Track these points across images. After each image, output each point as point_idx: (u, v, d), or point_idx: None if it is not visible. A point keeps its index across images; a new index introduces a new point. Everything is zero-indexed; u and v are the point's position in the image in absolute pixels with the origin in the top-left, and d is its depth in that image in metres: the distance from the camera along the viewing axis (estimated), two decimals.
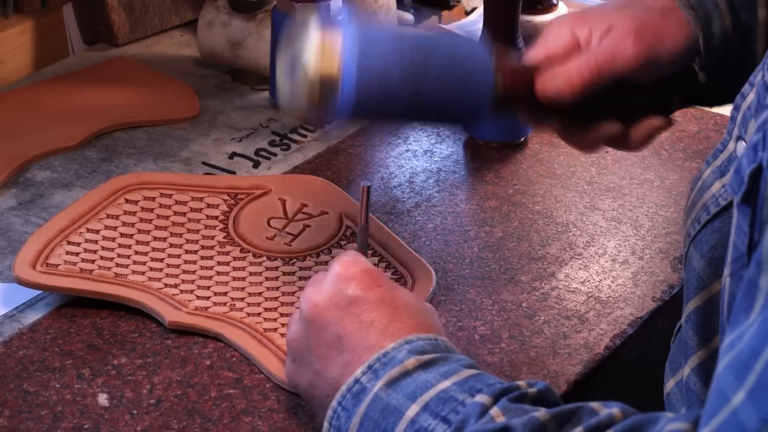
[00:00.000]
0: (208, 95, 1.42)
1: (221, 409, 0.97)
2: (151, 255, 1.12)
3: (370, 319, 0.88)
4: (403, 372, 0.84)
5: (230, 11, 1.43)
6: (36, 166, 1.28)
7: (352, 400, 0.85)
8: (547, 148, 1.33)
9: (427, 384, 0.82)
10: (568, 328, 1.07)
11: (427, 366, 0.84)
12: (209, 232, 1.15)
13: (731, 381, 0.65)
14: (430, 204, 1.23)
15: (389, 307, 0.89)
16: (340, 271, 0.91)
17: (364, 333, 0.88)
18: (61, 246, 1.11)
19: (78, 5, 1.49)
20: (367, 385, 0.84)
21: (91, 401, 0.97)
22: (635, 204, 1.25)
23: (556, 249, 1.17)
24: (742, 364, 0.65)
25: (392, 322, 0.88)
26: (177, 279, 1.09)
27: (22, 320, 1.06)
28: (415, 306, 0.90)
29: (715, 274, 0.88)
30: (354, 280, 0.90)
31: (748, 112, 0.85)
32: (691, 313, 0.90)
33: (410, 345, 0.86)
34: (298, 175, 1.26)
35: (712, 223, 0.89)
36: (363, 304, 0.89)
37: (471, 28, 1.56)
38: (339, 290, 0.90)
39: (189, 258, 1.12)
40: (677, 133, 1.37)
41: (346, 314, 0.89)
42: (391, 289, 0.91)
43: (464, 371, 0.83)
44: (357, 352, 0.87)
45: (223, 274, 1.11)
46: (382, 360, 0.85)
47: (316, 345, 0.90)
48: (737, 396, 0.65)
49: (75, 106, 1.37)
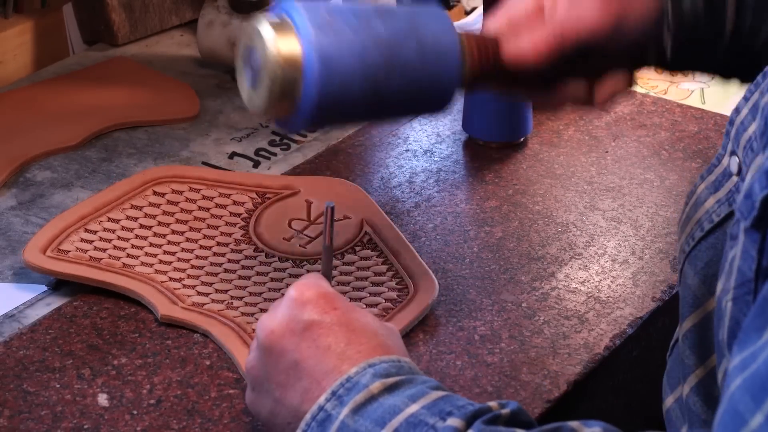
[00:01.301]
0: (208, 95, 1.42)
1: (221, 409, 0.97)
2: (164, 248, 1.13)
3: (327, 343, 0.86)
4: (368, 397, 0.81)
5: (230, 11, 1.43)
6: (36, 166, 1.28)
7: (317, 429, 0.82)
8: (547, 148, 1.33)
9: (395, 408, 0.80)
10: (568, 328, 1.07)
11: (393, 389, 0.81)
12: (228, 229, 1.16)
13: (747, 403, 0.64)
14: (430, 204, 1.23)
15: (346, 330, 0.86)
16: (295, 296, 0.88)
17: (321, 358, 0.85)
18: (77, 233, 1.12)
19: (78, 5, 1.49)
20: (332, 412, 0.82)
21: (91, 401, 0.97)
22: (635, 204, 1.25)
23: (556, 249, 1.17)
24: (759, 385, 0.64)
25: (349, 345, 0.85)
26: (183, 273, 1.10)
27: (22, 320, 1.06)
28: (373, 328, 0.88)
29: (709, 291, 0.87)
30: (309, 304, 0.88)
31: (741, 126, 0.84)
32: (688, 332, 0.89)
33: (374, 368, 0.83)
34: (327, 177, 1.25)
35: (706, 239, 0.88)
36: (319, 328, 0.86)
37: (471, 28, 1.56)
38: (294, 315, 0.88)
39: (201, 253, 1.12)
40: (677, 133, 1.37)
41: (302, 339, 0.87)
42: (348, 312, 0.88)
43: (432, 393, 0.81)
44: (315, 377, 0.85)
45: (230, 272, 1.11)
46: (346, 385, 0.83)
47: (274, 372, 0.88)
48: (755, 419, 0.63)
49: (75, 106, 1.37)
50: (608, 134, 1.37)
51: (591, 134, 1.36)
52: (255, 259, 1.12)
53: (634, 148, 1.34)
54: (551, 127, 1.37)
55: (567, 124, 1.38)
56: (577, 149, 1.34)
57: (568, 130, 1.37)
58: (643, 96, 1.44)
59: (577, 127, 1.38)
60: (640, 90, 1.46)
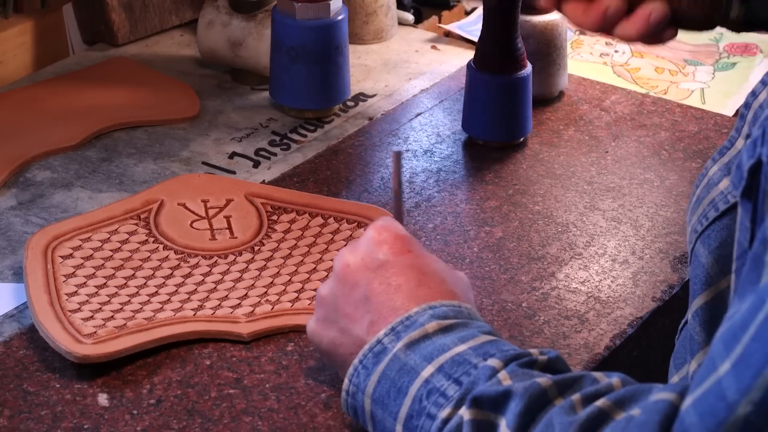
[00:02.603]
0: (208, 95, 1.42)
1: (221, 409, 0.97)
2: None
3: (398, 283, 0.91)
4: (423, 335, 0.86)
5: (230, 11, 1.43)
6: (36, 166, 1.28)
7: (372, 359, 0.88)
8: (547, 148, 1.33)
9: (444, 347, 0.85)
10: (568, 328, 1.07)
11: (447, 330, 0.87)
12: (160, 255, 1.13)
13: (720, 350, 0.67)
14: (430, 204, 1.23)
15: (417, 272, 0.91)
16: (373, 235, 0.94)
17: (391, 295, 0.90)
18: (73, 314, 1.05)
19: (78, 5, 1.49)
20: (388, 345, 0.87)
21: (91, 401, 0.97)
22: (635, 204, 1.25)
23: (556, 249, 1.17)
24: (732, 334, 0.67)
25: (419, 287, 0.90)
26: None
27: (22, 320, 1.06)
28: (443, 273, 0.93)
29: (722, 271, 0.89)
30: (386, 245, 0.93)
31: (759, 110, 0.85)
32: (699, 309, 0.90)
33: (433, 310, 0.88)
34: (174, 178, 1.24)
35: (720, 219, 0.89)
36: (392, 267, 0.92)
37: (471, 28, 1.56)
38: (371, 253, 0.93)
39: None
40: (677, 133, 1.37)
41: (375, 276, 0.92)
42: (421, 256, 0.93)
43: (481, 337, 0.86)
44: (382, 313, 0.90)
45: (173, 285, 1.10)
46: (405, 323, 0.88)
47: (344, 304, 0.93)
48: (723, 365, 0.66)
49: (75, 106, 1.37)
50: (608, 134, 1.37)
51: (591, 134, 1.36)
52: (213, 268, 1.12)
53: (634, 148, 1.34)
54: (551, 127, 1.37)
55: (567, 124, 1.38)
56: (577, 149, 1.34)
57: (568, 130, 1.37)
58: (643, 96, 1.44)
59: (577, 127, 1.38)
60: (640, 90, 1.46)
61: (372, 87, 1.45)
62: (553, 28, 1.39)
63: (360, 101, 1.42)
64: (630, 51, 1.54)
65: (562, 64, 1.41)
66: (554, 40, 1.39)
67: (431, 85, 1.45)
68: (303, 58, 1.34)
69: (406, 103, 1.42)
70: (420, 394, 0.84)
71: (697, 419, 0.67)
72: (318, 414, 0.97)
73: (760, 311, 0.66)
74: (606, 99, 1.43)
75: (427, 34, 1.58)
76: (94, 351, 1.00)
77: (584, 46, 1.55)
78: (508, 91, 1.31)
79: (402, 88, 1.45)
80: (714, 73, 1.51)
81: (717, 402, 0.66)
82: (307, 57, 1.34)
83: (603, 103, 1.43)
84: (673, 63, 1.53)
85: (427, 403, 0.83)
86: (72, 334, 1.01)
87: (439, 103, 1.41)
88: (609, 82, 1.47)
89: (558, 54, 1.40)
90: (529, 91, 1.32)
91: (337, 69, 1.36)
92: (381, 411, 0.87)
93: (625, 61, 1.52)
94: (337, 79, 1.36)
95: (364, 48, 1.54)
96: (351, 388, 0.89)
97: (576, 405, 0.77)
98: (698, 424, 0.67)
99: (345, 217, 1.19)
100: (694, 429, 0.67)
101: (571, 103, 1.42)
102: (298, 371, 1.01)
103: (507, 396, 0.79)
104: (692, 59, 1.54)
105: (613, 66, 1.51)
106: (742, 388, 0.65)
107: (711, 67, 1.52)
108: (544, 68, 1.39)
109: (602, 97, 1.44)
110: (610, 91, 1.45)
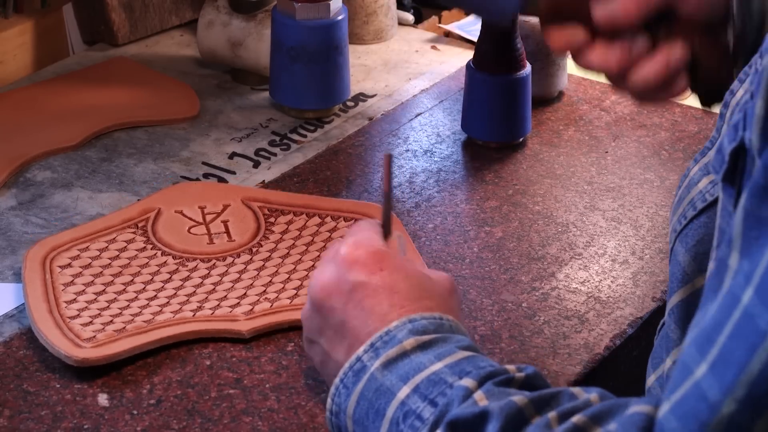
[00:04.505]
0: (208, 95, 1.42)
1: (221, 409, 0.97)
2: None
3: (371, 306, 0.89)
4: (401, 352, 0.85)
5: (230, 11, 1.43)
6: (36, 166, 1.28)
7: (353, 378, 0.87)
8: (547, 149, 1.33)
9: (421, 366, 0.84)
10: (568, 328, 1.07)
11: (426, 347, 0.85)
12: (158, 260, 1.13)
13: (694, 355, 0.67)
14: (430, 204, 1.23)
15: (389, 293, 0.89)
16: (345, 254, 0.92)
17: (365, 319, 0.89)
18: (73, 321, 1.05)
19: (78, 5, 1.49)
20: (367, 363, 0.86)
21: (91, 401, 0.97)
22: (635, 204, 1.25)
23: (556, 249, 1.17)
24: (704, 337, 0.67)
25: (392, 308, 0.89)
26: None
27: (22, 320, 1.06)
28: (418, 287, 0.91)
29: (699, 268, 0.88)
30: (357, 264, 0.91)
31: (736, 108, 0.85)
32: (675, 307, 0.90)
33: (412, 324, 0.87)
34: (171, 187, 1.24)
35: (698, 218, 0.89)
36: (364, 289, 0.90)
37: (471, 28, 1.56)
38: (342, 275, 0.91)
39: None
40: (677, 133, 1.37)
41: (348, 300, 0.90)
42: (395, 272, 0.91)
43: (458, 353, 0.84)
44: (359, 338, 0.89)
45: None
46: (384, 338, 0.87)
47: (324, 327, 0.92)
48: (700, 369, 0.66)
49: (75, 106, 1.37)
50: (608, 134, 1.37)
51: (591, 134, 1.36)
52: (209, 272, 1.12)
53: (634, 148, 1.34)
54: (551, 127, 1.37)
55: (567, 124, 1.38)
56: (577, 149, 1.34)
57: (568, 130, 1.37)
58: None
59: (577, 127, 1.38)
60: None
61: (372, 87, 1.46)
62: None
63: (360, 101, 1.42)
64: None
65: (561, 64, 1.41)
66: None
67: (431, 85, 1.45)
68: (303, 58, 1.34)
69: (406, 103, 1.42)
70: (396, 417, 0.83)
71: (678, 423, 0.67)
72: (318, 414, 0.97)
73: (735, 310, 0.66)
74: (606, 99, 1.43)
75: (427, 34, 1.58)
76: (93, 354, 1.00)
77: None
78: (507, 91, 1.31)
79: (402, 88, 1.45)
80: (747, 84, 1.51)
81: (698, 404, 0.66)
82: (307, 57, 1.34)
83: (603, 103, 1.43)
84: None
85: (404, 426, 0.82)
86: (71, 339, 1.01)
87: (439, 103, 1.41)
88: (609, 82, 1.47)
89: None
90: (529, 91, 1.32)
91: (337, 69, 1.36)
92: None
93: None
94: (337, 79, 1.37)
95: (364, 48, 1.54)
96: (334, 408, 0.88)
97: (552, 422, 0.76)
98: (680, 428, 0.67)
99: (342, 215, 1.19)
100: None
101: (571, 103, 1.42)
102: (298, 371, 1.01)
103: (483, 418, 0.77)
104: None
105: None
106: (724, 387, 0.65)
107: None
108: (544, 68, 1.39)
109: (602, 97, 1.44)
110: (610, 91, 1.45)
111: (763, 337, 0.63)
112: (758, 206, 0.66)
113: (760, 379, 0.63)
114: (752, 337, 0.64)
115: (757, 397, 0.64)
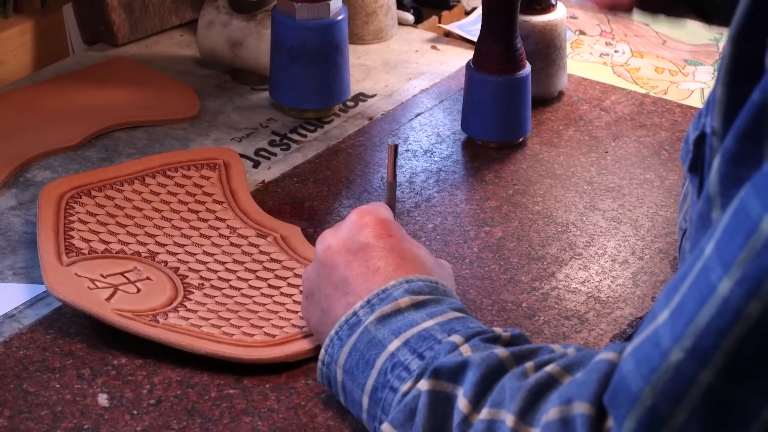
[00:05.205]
0: (208, 95, 1.42)
1: (221, 409, 0.97)
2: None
3: (377, 266, 0.93)
4: (395, 309, 0.89)
5: (230, 11, 1.43)
6: (36, 166, 1.28)
7: (347, 331, 0.90)
8: (547, 148, 1.33)
9: (413, 322, 0.87)
10: (568, 328, 1.07)
11: (419, 306, 0.89)
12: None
13: (661, 301, 0.69)
14: (430, 204, 1.23)
15: (397, 256, 0.93)
16: (356, 219, 0.96)
17: (369, 277, 0.92)
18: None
19: (78, 5, 1.49)
20: (362, 318, 0.90)
21: (91, 401, 0.98)
22: (635, 204, 1.25)
23: (556, 249, 1.17)
24: (672, 285, 0.69)
25: (397, 270, 0.92)
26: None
27: (22, 320, 1.06)
28: (423, 258, 0.94)
29: None
30: (367, 228, 0.95)
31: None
32: None
33: (409, 284, 0.90)
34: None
35: None
36: (372, 251, 0.94)
37: (471, 28, 1.56)
38: (352, 235, 0.95)
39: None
40: (677, 133, 1.37)
41: (355, 258, 0.94)
42: (402, 240, 0.95)
43: (450, 313, 0.88)
44: (360, 294, 0.92)
45: None
46: (381, 296, 0.90)
47: (325, 284, 0.95)
48: (662, 315, 0.68)
49: (75, 106, 1.37)
50: (608, 134, 1.37)
51: (591, 134, 1.37)
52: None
53: (634, 148, 1.34)
54: (551, 127, 1.37)
55: (567, 124, 1.38)
56: (577, 149, 1.34)
57: (568, 130, 1.37)
58: (643, 96, 1.44)
59: (577, 127, 1.38)
60: (640, 90, 1.46)
61: (372, 87, 1.46)
62: (553, 28, 1.39)
63: (360, 101, 1.42)
64: (630, 51, 1.54)
65: (561, 64, 1.41)
66: (554, 40, 1.40)
67: (431, 85, 1.45)
68: (303, 58, 1.34)
69: (406, 103, 1.42)
70: (385, 368, 0.86)
71: (634, 366, 0.69)
72: (318, 414, 0.97)
73: (698, 261, 0.67)
74: (606, 99, 1.43)
75: (427, 34, 1.58)
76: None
77: (584, 46, 1.55)
78: (507, 91, 1.31)
79: (402, 88, 1.45)
80: (714, 73, 1.51)
81: (652, 349, 0.67)
82: (307, 57, 1.34)
83: (603, 103, 1.43)
84: (673, 63, 1.53)
85: (391, 376, 0.86)
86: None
87: (439, 103, 1.41)
88: (609, 82, 1.47)
89: (557, 54, 1.40)
90: (529, 91, 1.32)
91: (336, 69, 1.36)
92: (350, 382, 0.89)
93: (625, 61, 1.52)
94: (336, 79, 1.37)
95: (364, 48, 1.54)
96: (326, 358, 0.91)
97: (528, 371, 0.79)
98: (634, 371, 0.68)
99: (181, 165, 1.22)
100: (630, 376, 0.69)
101: (571, 103, 1.42)
102: (298, 371, 1.01)
103: (464, 366, 0.81)
104: (692, 59, 1.54)
105: (613, 66, 1.51)
106: (675, 335, 0.66)
107: (711, 67, 1.52)
108: (544, 68, 1.40)
109: (602, 97, 1.44)
110: (610, 91, 1.45)
111: (713, 291, 0.65)
112: (734, 168, 0.67)
113: (707, 332, 0.65)
114: (705, 290, 0.65)
115: (702, 348, 0.65)
